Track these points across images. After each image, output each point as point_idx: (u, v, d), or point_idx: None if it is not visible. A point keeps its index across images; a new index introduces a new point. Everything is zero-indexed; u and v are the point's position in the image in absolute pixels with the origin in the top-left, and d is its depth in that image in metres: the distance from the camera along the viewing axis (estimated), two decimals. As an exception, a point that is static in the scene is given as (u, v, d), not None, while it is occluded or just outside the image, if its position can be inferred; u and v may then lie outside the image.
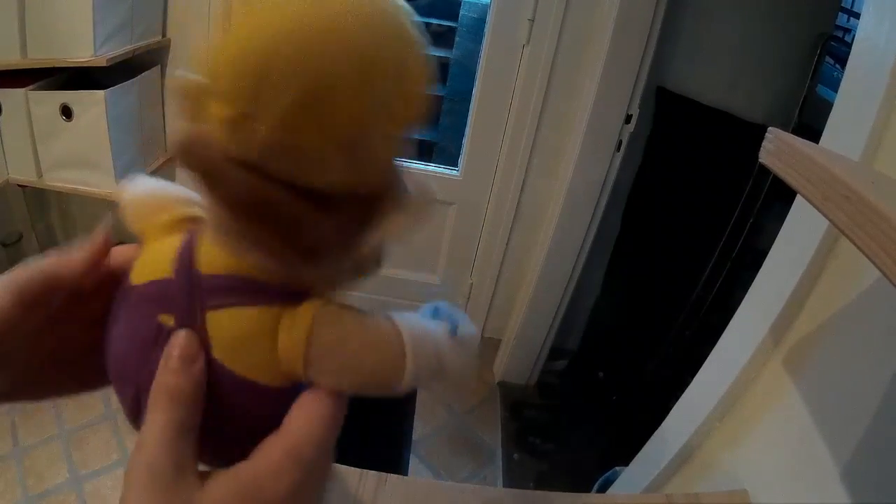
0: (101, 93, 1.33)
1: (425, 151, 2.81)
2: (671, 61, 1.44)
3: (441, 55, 3.06)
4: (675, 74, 1.46)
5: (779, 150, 0.37)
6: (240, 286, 0.22)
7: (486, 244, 1.77)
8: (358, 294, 0.24)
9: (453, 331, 0.24)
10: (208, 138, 0.19)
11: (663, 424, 0.78)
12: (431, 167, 1.74)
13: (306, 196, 0.19)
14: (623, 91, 1.38)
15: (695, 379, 0.73)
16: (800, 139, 0.36)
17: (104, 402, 1.56)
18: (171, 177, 1.72)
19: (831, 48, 1.29)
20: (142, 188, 0.26)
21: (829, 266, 0.55)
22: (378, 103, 0.19)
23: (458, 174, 1.70)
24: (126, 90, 1.41)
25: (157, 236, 0.24)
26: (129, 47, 1.37)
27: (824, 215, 0.31)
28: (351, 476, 0.52)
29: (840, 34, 1.29)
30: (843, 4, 1.28)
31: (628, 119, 1.42)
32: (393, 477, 0.53)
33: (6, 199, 1.62)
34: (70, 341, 0.26)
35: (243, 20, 0.19)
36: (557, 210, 1.55)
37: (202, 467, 0.23)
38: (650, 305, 1.61)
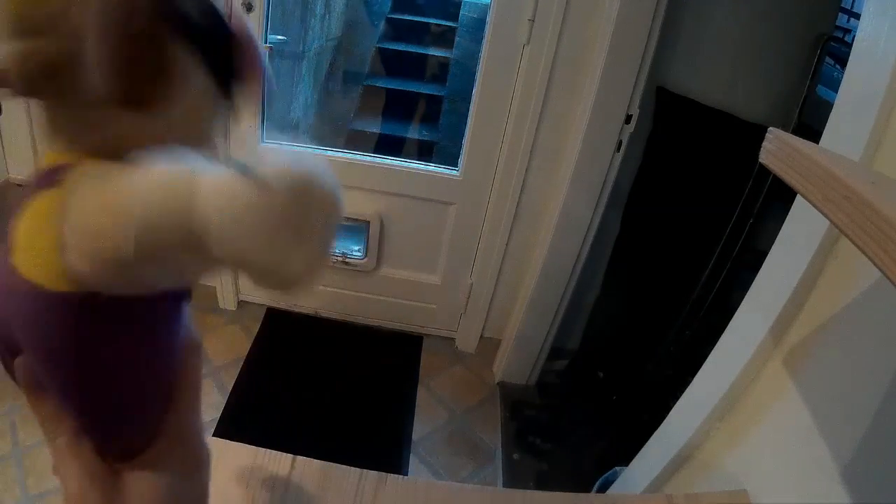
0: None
1: (425, 151, 2.82)
2: (671, 61, 1.44)
3: (441, 55, 3.07)
4: (675, 74, 1.46)
5: (779, 150, 0.37)
6: (45, 176, 0.20)
7: (486, 244, 1.77)
8: (360, 293, 0.24)
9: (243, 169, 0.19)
10: None
11: (663, 424, 0.78)
12: (431, 167, 1.74)
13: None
14: (623, 91, 1.38)
15: (695, 379, 0.73)
16: (800, 139, 0.36)
17: (104, 402, 1.56)
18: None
19: (831, 48, 1.29)
20: None
21: (829, 266, 0.55)
22: None
23: (458, 174, 1.70)
24: (126, 90, 1.41)
25: None
26: (129, 47, 1.37)
27: (824, 215, 0.31)
28: (351, 476, 0.52)
29: (840, 34, 1.29)
30: (843, 4, 1.28)
31: (628, 119, 1.42)
32: (393, 477, 0.53)
33: (6, 199, 1.62)
34: None
35: None
36: (557, 210, 1.55)
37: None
38: (650, 305, 1.61)
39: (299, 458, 0.53)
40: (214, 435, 1.50)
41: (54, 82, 0.18)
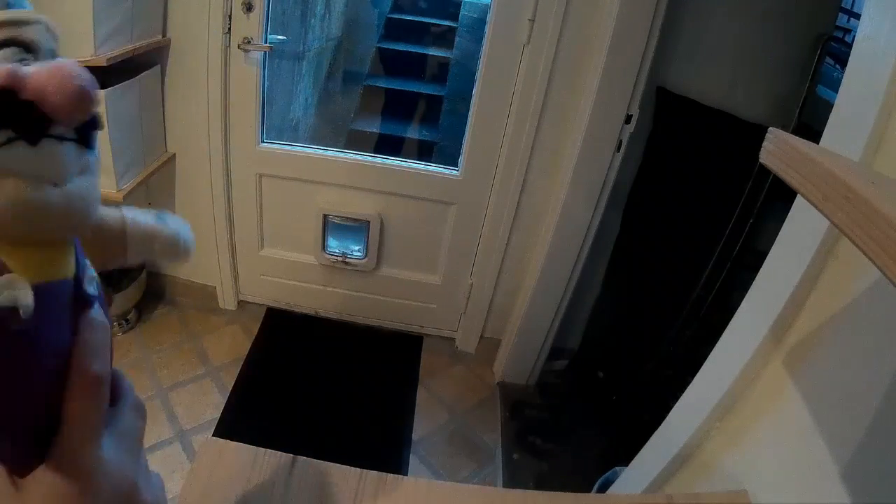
0: (100, 92, 1.33)
1: (425, 151, 2.82)
2: (671, 61, 1.44)
3: (441, 55, 3.07)
4: (675, 74, 1.46)
5: (779, 150, 0.37)
6: None
7: (486, 244, 1.77)
8: (360, 293, 0.24)
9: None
10: None
11: (663, 424, 0.78)
12: (431, 167, 1.74)
13: None
14: (623, 91, 1.38)
15: (695, 379, 0.73)
16: (800, 139, 0.36)
17: (104, 402, 1.56)
18: (171, 176, 1.73)
19: (831, 48, 1.29)
20: None
21: (829, 266, 0.55)
22: None
23: (458, 174, 1.70)
24: (126, 90, 1.41)
25: None
26: (129, 47, 1.37)
27: (824, 215, 0.31)
28: (351, 476, 0.52)
29: (840, 34, 1.29)
30: (843, 4, 1.28)
31: (628, 119, 1.42)
32: (393, 477, 0.53)
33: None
34: None
35: None
36: (557, 210, 1.55)
37: None
38: (650, 305, 1.61)
39: (299, 458, 0.53)
40: (214, 435, 1.51)
41: None
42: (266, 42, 1.56)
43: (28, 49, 0.24)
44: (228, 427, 1.54)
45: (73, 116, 0.24)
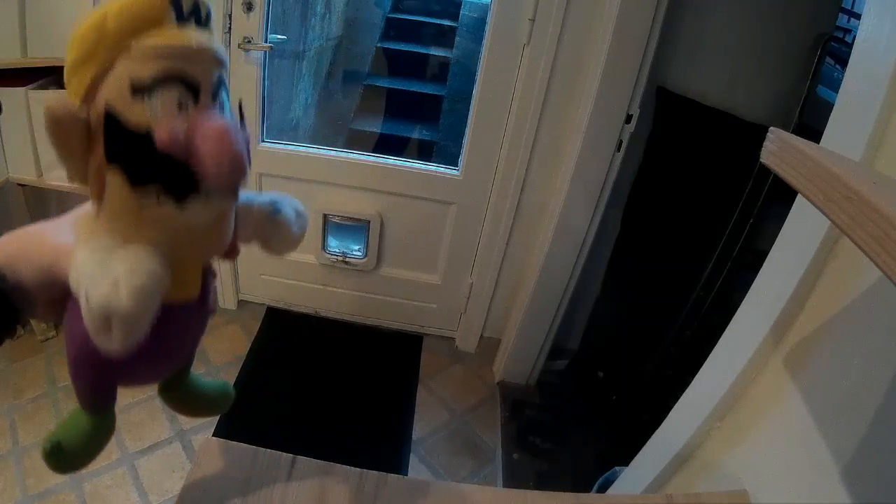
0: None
1: (425, 151, 2.81)
2: (671, 61, 1.44)
3: (441, 55, 3.07)
4: (675, 74, 1.46)
5: (780, 150, 0.37)
6: None
7: (486, 244, 1.77)
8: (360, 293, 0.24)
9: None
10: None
11: (663, 424, 0.78)
12: (431, 167, 1.74)
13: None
14: (623, 91, 1.38)
15: (695, 379, 0.73)
16: (801, 139, 0.36)
17: (104, 402, 1.56)
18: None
19: (831, 48, 1.29)
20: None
21: (829, 266, 0.55)
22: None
23: (458, 174, 1.70)
24: (126, 90, 1.41)
25: None
26: (129, 47, 1.37)
27: (826, 215, 0.31)
28: (351, 476, 0.52)
29: (840, 34, 1.29)
30: (843, 5, 1.28)
31: (628, 119, 1.42)
32: (393, 477, 0.52)
33: (6, 199, 1.62)
34: None
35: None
36: (557, 210, 1.55)
37: None
38: (650, 305, 1.61)
39: (299, 458, 0.53)
40: (214, 435, 1.50)
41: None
42: (266, 42, 1.56)
43: (190, 87, 0.24)
44: (228, 427, 1.54)
45: (226, 184, 0.26)
